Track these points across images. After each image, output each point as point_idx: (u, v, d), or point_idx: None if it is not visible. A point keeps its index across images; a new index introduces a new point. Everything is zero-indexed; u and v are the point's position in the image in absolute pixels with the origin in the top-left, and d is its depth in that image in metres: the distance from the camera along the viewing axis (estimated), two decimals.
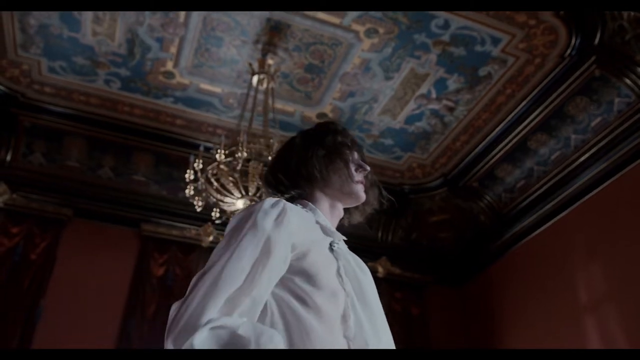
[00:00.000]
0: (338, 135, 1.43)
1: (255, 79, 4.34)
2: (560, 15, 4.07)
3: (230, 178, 3.72)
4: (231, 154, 3.76)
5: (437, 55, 4.36)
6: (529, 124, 4.85)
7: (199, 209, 3.99)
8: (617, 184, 4.48)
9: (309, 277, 1.12)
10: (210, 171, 3.78)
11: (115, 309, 5.03)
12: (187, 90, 4.84)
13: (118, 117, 5.10)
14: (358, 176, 1.40)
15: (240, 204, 3.85)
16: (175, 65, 4.61)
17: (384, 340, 1.17)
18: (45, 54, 4.52)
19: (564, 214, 4.94)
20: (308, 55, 4.45)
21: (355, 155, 1.43)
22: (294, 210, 1.20)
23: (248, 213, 1.17)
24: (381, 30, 4.19)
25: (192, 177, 3.82)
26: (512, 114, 4.84)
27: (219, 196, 3.88)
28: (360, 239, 6.13)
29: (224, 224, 4.58)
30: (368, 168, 1.43)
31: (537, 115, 4.78)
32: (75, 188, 5.30)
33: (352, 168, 1.40)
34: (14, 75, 4.70)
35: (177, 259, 5.41)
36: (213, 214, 4.09)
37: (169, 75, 4.69)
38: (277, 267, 1.10)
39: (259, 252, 1.08)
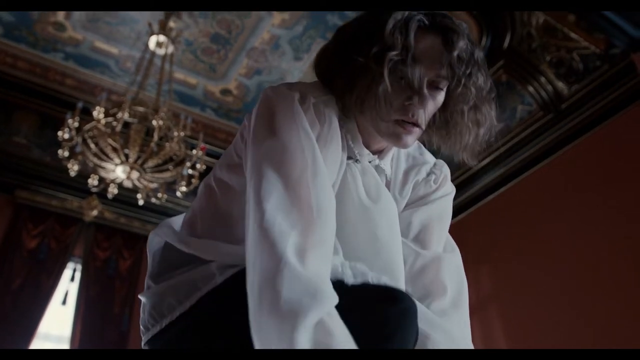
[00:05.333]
0: (397, 35, 0.93)
1: (153, 40, 4.01)
2: (474, 14, 4.05)
3: (110, 141, 3.38)
4: (114, 116, 3.43)
5: None
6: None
7: (73, 174, 3.61)
8: (512, 190, 4.53)
9: None
10: (87, 132, 3.42)
11: None
12: (80, 47, 4.42)
13: None
14: (401, 111, 0.95)
15: (119, 170, 3.51)
16: (68, 16, 4.18)
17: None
18: None
19: (461, 216, 4.95)
20: (215, 24, 4.18)
21: (418, 72, 0.93)
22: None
23: None
24: None
25: (66, 136, 3.44)
26: None
27: (96, 160, 3.53)
28: None
29: (104, 195, 4.22)
30: (425, 94, 0.93)
31: None
32: None
33: (393, 100, 0.94)
34: None
35: (54, 232, 4.95)
36: (90, 180, 3.73)
37: (60, 27, 4.26)
38: None
39: None
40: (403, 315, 0.83)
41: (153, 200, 3.94)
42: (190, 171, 3.59)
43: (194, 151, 3.58)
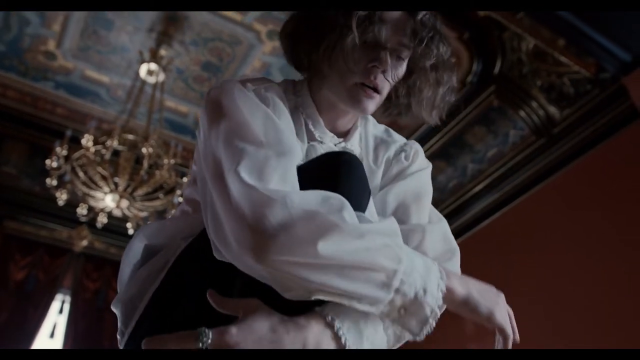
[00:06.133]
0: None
1: (144, 68, 4.00)
2: (464, 39, 4.07)
3: (99, 169, 3.33)
4: (103, 144, 3.39)
5: None
6: (428, 149, 4.80)
7: (61, 203, 3.55)
8: (506, 215, 4.49)
9: None
10: (76, 161, 3.37)
11: None
12: (71, 76, 4.40)
13: None
14: (364, 74, 0.96)
15: (109, 199, 3.45)
16: (59, 45, 4.17)
17: None
18: None
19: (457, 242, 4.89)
20: (206, 52, 4.17)
21: (384, 29, 0.95)
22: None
23: None
24: None
25: (54, 164, 3.39)
26: (412, 137, 4.77)
27: (85, 189, 3.47)
28: None
29: (93, 225, 4.14)
30: (388, 50, 0.96)
31: (437, 141, 4.74)
32: None
33: (357, 61, 0.95)
34: None
35: (43, 263, 4.86)
36: (79, 209, 3.67)
37: (50, 56, 4.25)
38: None
39: None
40: (345, 164, 0.85)
41: None
42: (180, 199, 3.53)
43: (185, 179, 3.53)
